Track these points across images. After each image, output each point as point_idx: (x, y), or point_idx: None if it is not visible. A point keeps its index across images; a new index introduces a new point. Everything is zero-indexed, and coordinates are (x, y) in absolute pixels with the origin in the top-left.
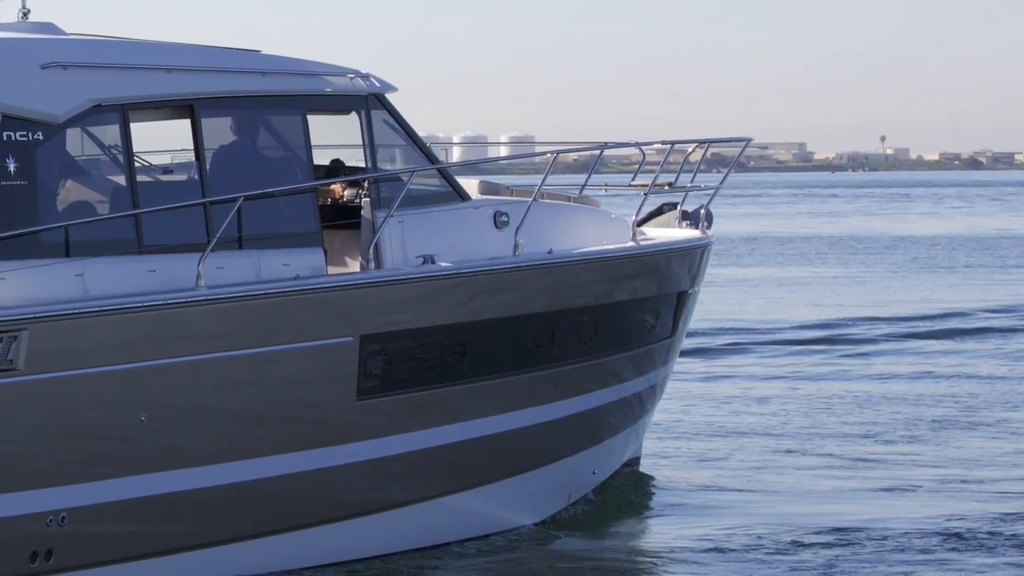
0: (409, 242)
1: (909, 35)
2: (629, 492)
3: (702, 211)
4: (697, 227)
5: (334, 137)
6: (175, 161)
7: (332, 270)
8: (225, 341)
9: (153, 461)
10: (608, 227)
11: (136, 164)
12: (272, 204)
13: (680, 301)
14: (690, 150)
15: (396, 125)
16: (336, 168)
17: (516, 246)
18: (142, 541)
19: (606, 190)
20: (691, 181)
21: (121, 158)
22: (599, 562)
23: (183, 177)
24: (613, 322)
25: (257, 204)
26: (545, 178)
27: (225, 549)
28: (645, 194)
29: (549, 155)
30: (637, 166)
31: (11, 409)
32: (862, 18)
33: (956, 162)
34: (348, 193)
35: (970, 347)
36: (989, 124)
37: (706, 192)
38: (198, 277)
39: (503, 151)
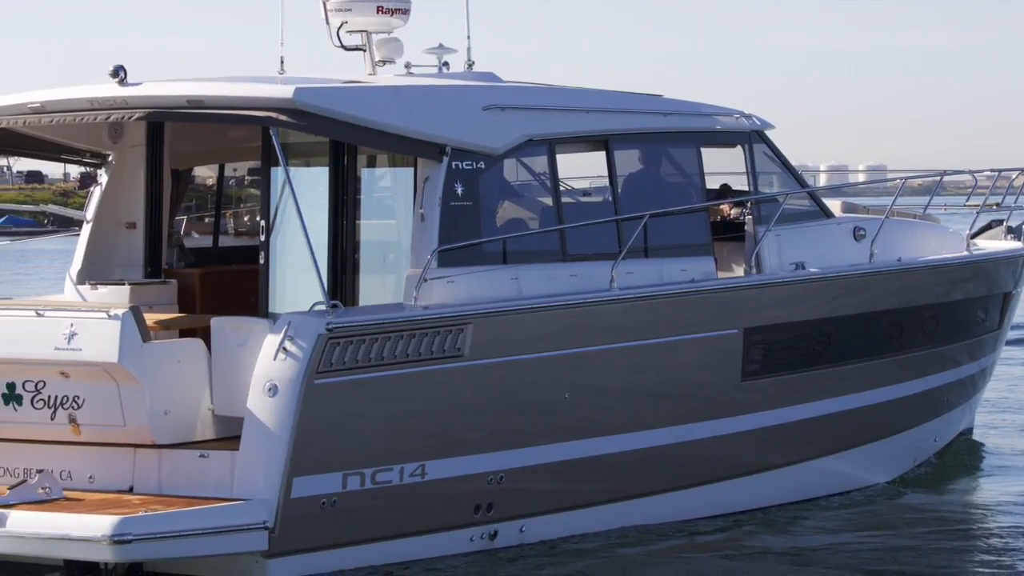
0: (784, 251)
1: None
2: (964, 456)
3: None
4: (1020, 239)
5: (723, 165)
6: (592, 186)
7: (721, 275)
8: (634, 333)
9: (574, 431)
10: (946, 240)
11: (560, 188)
12: (672, 221)
13: (1006, 300)
14: (1014, 176)
15: (773, 156)
16: (724, 191)
17: (871, 255)
18: (564, 496)
19: (945, 209)
20: (1015, 202)
21: (548, 183)
22: (939, 513)
23: (599, 199)
24: (951, 317)
25: (660, 221)
26: (895, 199)
27: (633, 503)
28: (977, 213)
29: (898, 180)
30: (970, 190)
31: (458, 389)
32: None
33: None
34: (734, 212)
35: None
36: None
37: None
38: (611, 280)
39: (861, 177)
